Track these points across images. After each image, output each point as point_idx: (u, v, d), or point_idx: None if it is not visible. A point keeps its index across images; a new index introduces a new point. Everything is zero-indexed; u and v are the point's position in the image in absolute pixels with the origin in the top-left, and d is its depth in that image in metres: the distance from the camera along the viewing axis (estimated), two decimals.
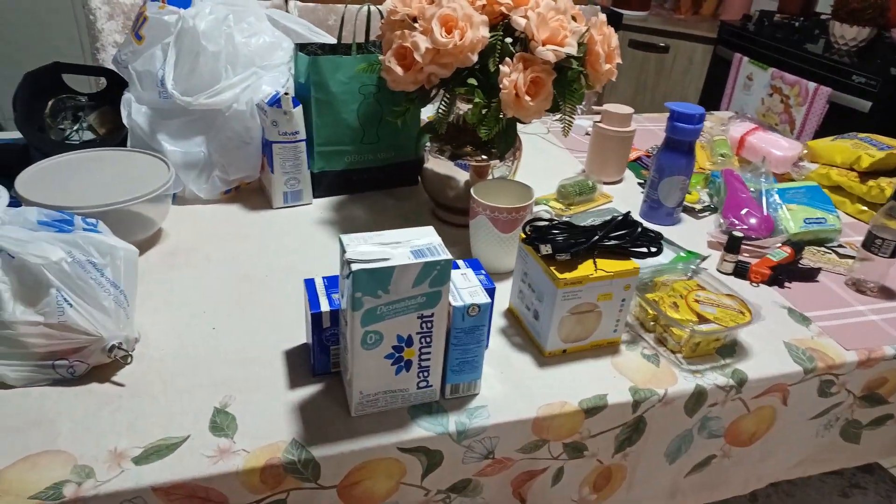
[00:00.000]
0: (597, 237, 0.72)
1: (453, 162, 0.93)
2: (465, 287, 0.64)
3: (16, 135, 1.09)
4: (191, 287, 0.81)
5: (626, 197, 1.13)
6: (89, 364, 0.65)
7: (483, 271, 0.72)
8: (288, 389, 0.66)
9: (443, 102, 0.85)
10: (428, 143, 0.95)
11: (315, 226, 0.97)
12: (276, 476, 0.59)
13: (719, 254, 0.94)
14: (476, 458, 0.66)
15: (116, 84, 1.06)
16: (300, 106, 0.93)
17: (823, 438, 0.84)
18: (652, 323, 0.79)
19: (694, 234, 1.03)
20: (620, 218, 0.74)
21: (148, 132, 0.96)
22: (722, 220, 1.02)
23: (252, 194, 1.03)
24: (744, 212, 1.01)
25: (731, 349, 0.77)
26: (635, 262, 0.72)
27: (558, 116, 0.88)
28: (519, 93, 0.80)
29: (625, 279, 0.72)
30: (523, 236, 0.74)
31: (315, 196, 1.03)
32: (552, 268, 0.70)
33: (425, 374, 0.63)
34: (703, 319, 0.75)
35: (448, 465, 0.65)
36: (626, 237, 0.73)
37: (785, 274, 0.91)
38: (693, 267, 0.86)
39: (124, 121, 0.97)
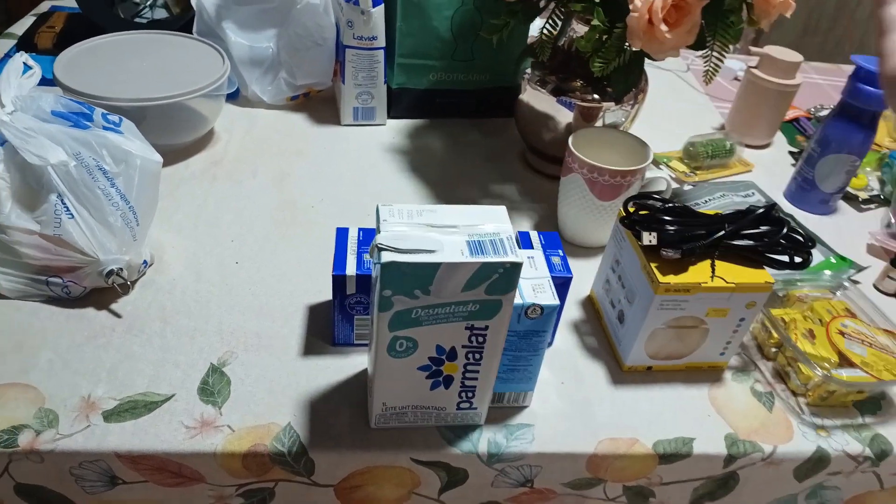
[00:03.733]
0: (722, 233, 0.53)
1: (556, 98, 0.75)
2: (528, 278, 0.49)
3: None
4: (226, 207, 0.70)
5: (772, 168, 0.91)
6: (85, 287, 0.57)
7: (560, 252, 0.56)
8: (299, 357, 0.55)
9: (551, 19, 0.67)
10: (528, 70, 0.77)
11: (384, 153, 0.83)
12: (262, 465, 0.49)
13: (883, 266, 0.72)
14: (510, 485, 0.53)
15: None
16: (382, 5, 0.77)
17: None
18: (774, 350, 0.61)
19: (851, 230, 0.80)
20: (762, 211, 0.55)
21: (214, 18, 0.84)
22: (893, 220, 0.78)
23: (322, 105, 0.90)
24: None
25: (875, 405, 0.58)
26: (770, 275, 0.54)
27: (703, 54, 0.67)
28: (654, 19, 0.60)
29: (750, 294, 0.53)
30: (622, 214, 0.57)
31: (391, 116, 0.88)
32: (653, 265, 0.53)
33: (469, 394, 0.49)
34: (845, 360, 0.56)
35: (473, 485, 0.53)
36: (765, 238, 0.54)
37: None
38: (843, 280, 0.65)
39: (192, 1, 0.86)
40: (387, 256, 0.40)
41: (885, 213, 0.82)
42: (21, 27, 0.97)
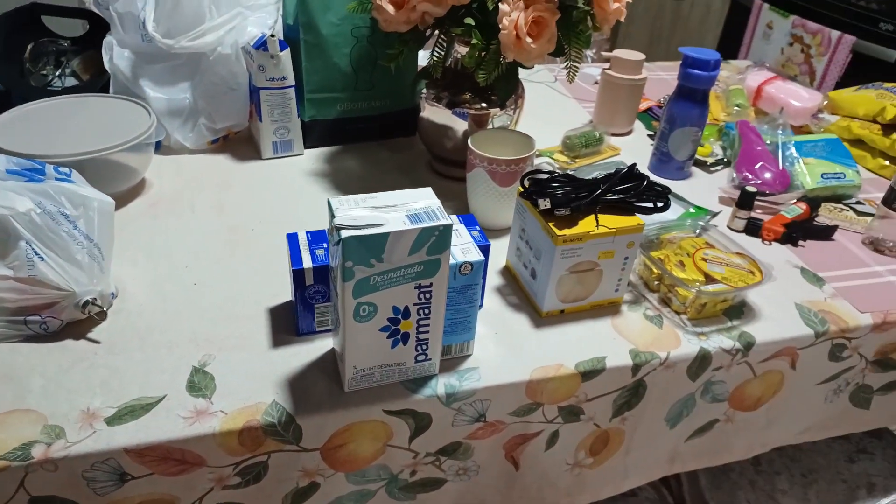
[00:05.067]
0: (599, 191, 0.67)
1: (451, 110, 0.88)
2: (457, 244, 0.60)
3: None
4: (173, 239, 0.77)
5: (635, 149, 1.08)
6: (63, 320, 0.63)
7: (477, 227, 0.68)
8: (270, 349, 0.63)
9: (437, 45, 0.80)
10: (424, 90, 0.89)
11: (306, 178, 0.92)
12: (256, 438, 0.57)
13: (731, 210, 0.89)
14: (466, 422, 0.63)
15: (100, 27, 1.01)
16: (288, 49, 0.88)
17: (832, 404, 0.81)
18: (656, 282, 0.75)
19: (705, 189, 0.98)
20: (625, 170, 0.70)
21: (130, 77, 0.91)
22: (735, 175, 0.96)
23: (241, 144, 0.98)
24: (758, 166, 0.95)
25: (738, 311, 0.73)
26: (640, 219, 0.68)
27: (566, 63, 0.82)
28: (520, 34, 0.74)
29: (628, 236, 0.67)
30: (521, 190, 0.70)
31: (306, 146, 0.98)
32: (550, 224, 0.66)
33: (424, 347, 0.59)
34: (710, 279, 0.71)
35: (437, 428, 0.63)
36: (632, 191, 0.69)
37: (799, 232, 0.87)
38: (702, 224, 0.81)
39: (106, 65, 0.92)
40: (346, 233, 0.50)
41: (730, 171, 1.00)
42: None
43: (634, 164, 0.70)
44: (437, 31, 0.79)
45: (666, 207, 0.70)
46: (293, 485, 0.61)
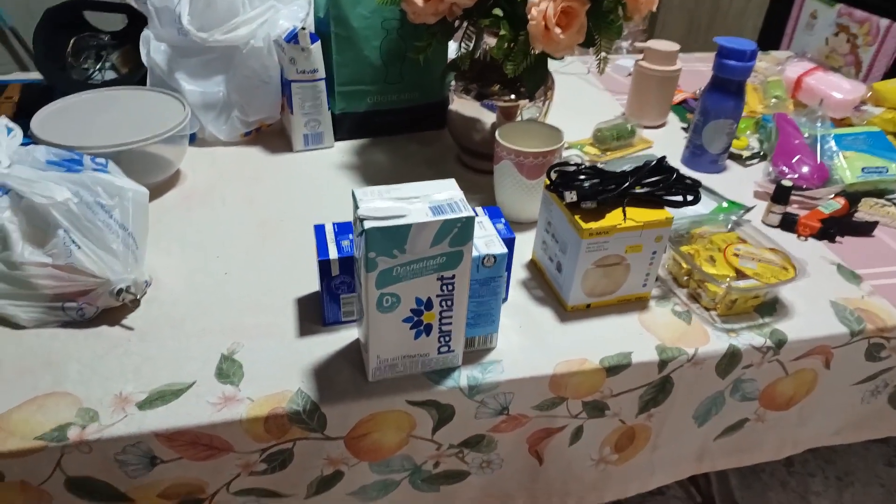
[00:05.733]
0: (627, 184, 0.66)
1: (479, 102, 0.87)
2: (481, 236, 0.60)
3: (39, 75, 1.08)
4: (205, 230, 0.79)
5: (668, 142, 1.06)
6: (98, 307, 0.65)
7: (503, 220, 0.67)
8: (297, 338, 0.64)
9: (466, 36, 0.79)
10: (453, 83, 0.89)
11: (335, 170, 0.93)
12: (281, 426, 0.58)
13: (766, 205, 0.87)
14: (489, 414, 0.63)
15: (138, 21, 1.03)
16: (319, 42, 0.89)
17: (869, 405, 0.79)
18: (686, 278, 0.74)
19: (740, 183, 0.95)
20: (654, 163, 0.69)
21: (166, 71, 0.93)
22: (771, 169, 0.94)
23: (273, 137, 1.00)
24: (795, 159, 0.93)
25: (771, 308, 0.72)
26: (669, 212, 0.67)
27: (597, 54, 0.81)
28: (548, 24, 0.73)
29: (656, 230, 0.66)
30: (548, 182, 0.69)
31: (336, 139, 0.99)
32: (576, 216, 0.65)
33: (447, 338, 0.59)
34: (741, 275, 0.70)
35: (460, 420, 0.63)
36: (661, 184, 0.67)
37: (837, 227, 0.84)
38: (735, 218, 0.79)
39: (143, 59, 0.94)
40: (369, 224, 0.50)
41: (766, 165, 0.98)
42: None
43: (664, 157, 0.69)
44: (465, 23, 0.79)
45: (696, 201, 0.68)
46: (318, 472, 0.62)
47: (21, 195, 0.63)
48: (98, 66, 1.05)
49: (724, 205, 0.86)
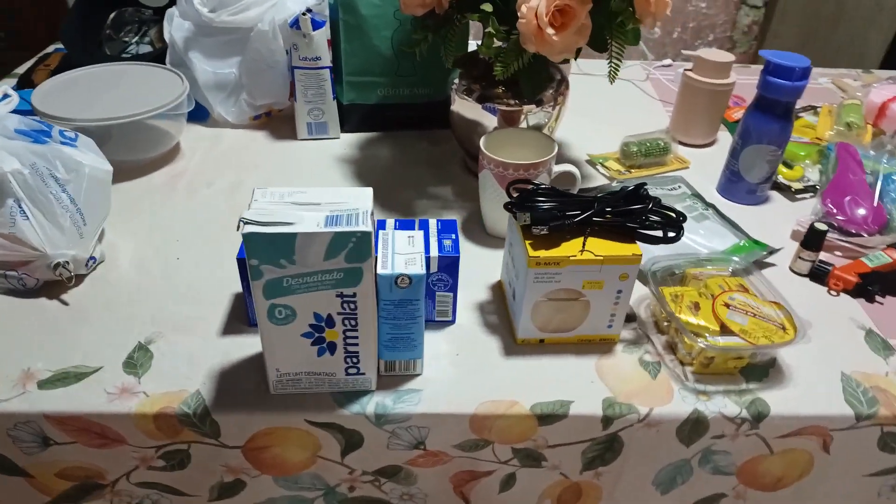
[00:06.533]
0: (591, 210, 0.58)
1: (481, 105, 0.81)
2: (404, 253, 0.54)
3: None
4: (179, 213, 0.78)
5: (708, 165, 0.94)
6: (38, 279, 0.65)
7: (453, 235, 0.61)
8: (218, 336, 0.62)
9: (450, 31, 0.73)
10: (456, 81, 0.83)
11: (334, 163, 0.90)
12: (172, 426, 0.55)
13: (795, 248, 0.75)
14: (403, 447, 0.58)
15: None
16: (322, 28, 0.85)
17: (890, 501, 0.66)
18: (666, 323, 0.64)
19: (781, 219, 0.83)
20: (630, 189, 0.60)
21: (182, 48, 0.94)
22: (819, 206, 0.81)
23: (282, 123, 0.98)
24: (848, 199, 0.79)
25: (762, 372, 0.61)
26: (638, 248, 0.58)
27: (668, 61, 0.72)
28: (540, 23, 0.66)
29: (620, 266, 0.58)
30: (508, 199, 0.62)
31: (344, 130, 0.96)
32: (527, 242, 0.58)
33: (354, 360, 0.54)
34: (725, 330, 0.59)
35: (371, 448, 0.58)
36: (633, 214, 0.59)
37: (879, 284, 0.70)
38: (737, 260, 0.68)
39: (164, 35, 0.95)
40: (247, 228, 0.46)
41: (815, 201, 0.84)
42: (24, 68, 1.09)
43: (643, 184, 0.60)
44: (456, 16, 0.73)
45: (677, 238, 0.59)
46: (218, 478, 0.60)
47: None
48: (135, 41, 1.07)
49: (743, 243, 0.75)
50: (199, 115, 0.96)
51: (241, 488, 0.61)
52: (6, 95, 0.74)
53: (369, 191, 0.51)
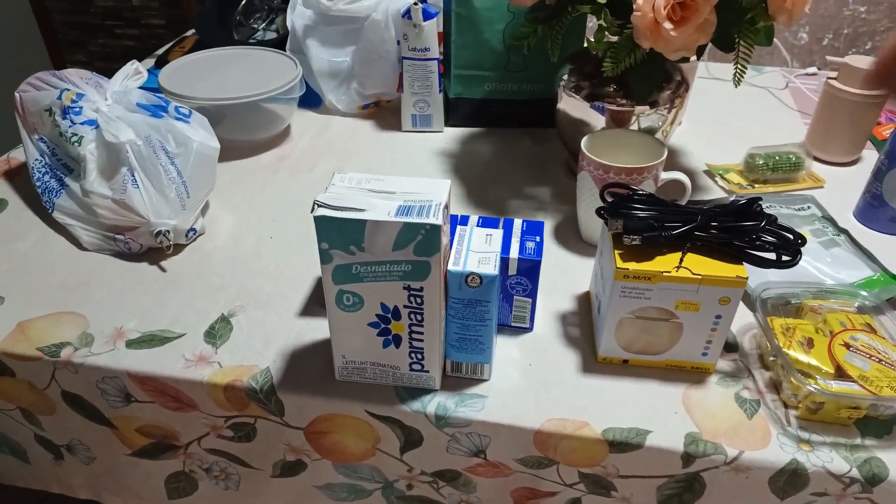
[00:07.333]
0: (693, 223, 0.52)
1: (589, 104, 0.76)
2: (478, 251, 0.52)
3: None
4: (279, 193, 0.80)
5: (848, 186, 0.83)
6: (142, 245, 0.69)
7: (539, 237, 0.58)
8: (296, 317, 0.62)
9: (559, 23, 0.69)
10: (565, 77, 0.79)
11: (434, 156, 0.89)
12: (240, 399, 0.56)
13: None
14: (463, 453, 0.55)
15: None
16: (434, 19, 0.84)
17: None
18: (772, 358, 0.57)
19: None
20: (742, 203, 0.53)
21: (301, 36, 0.96)
22: None
23: (389, 114, 0.98)
24: None
25: (883, 427, 0.52)
26: (744, 270, 0.51)
27: (812, 69, 0.65)
28: (658, 18, 0.60)
29: (721, 289, 0.51)
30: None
31: (449, 124, 0.95)
32: (617, 252, 0.53)
33: (418, 356, 0.53)
34: (842, 373, 0.52)
35: (430, 449, 0.56)
36: (743, 232, 0.52)
37: None
38: (877, 298, 0.59)
39: (287, 22, 0.99)
40: (319, 211, 0.46)
41: None
42: (164, 49, 1.17)
43: (757, 198, 0.53)
44: (569, 8, 0.69)
45: (792, 263, 0.52)
46: (281, 455, 0.60)
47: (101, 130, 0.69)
48: (262, 26, 1.12)
49: (878, 276, 0.65)
50: (313, 101, 0.99)
51: (302, 469, 0.61)
52: (137, 73, 0.79)
53: (447, 183, 0.49)
